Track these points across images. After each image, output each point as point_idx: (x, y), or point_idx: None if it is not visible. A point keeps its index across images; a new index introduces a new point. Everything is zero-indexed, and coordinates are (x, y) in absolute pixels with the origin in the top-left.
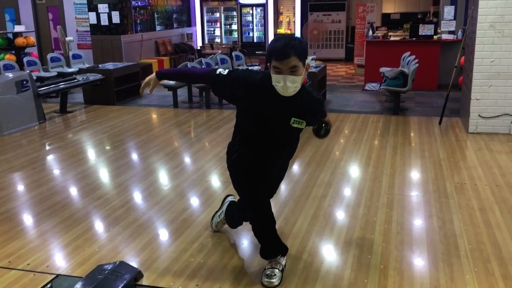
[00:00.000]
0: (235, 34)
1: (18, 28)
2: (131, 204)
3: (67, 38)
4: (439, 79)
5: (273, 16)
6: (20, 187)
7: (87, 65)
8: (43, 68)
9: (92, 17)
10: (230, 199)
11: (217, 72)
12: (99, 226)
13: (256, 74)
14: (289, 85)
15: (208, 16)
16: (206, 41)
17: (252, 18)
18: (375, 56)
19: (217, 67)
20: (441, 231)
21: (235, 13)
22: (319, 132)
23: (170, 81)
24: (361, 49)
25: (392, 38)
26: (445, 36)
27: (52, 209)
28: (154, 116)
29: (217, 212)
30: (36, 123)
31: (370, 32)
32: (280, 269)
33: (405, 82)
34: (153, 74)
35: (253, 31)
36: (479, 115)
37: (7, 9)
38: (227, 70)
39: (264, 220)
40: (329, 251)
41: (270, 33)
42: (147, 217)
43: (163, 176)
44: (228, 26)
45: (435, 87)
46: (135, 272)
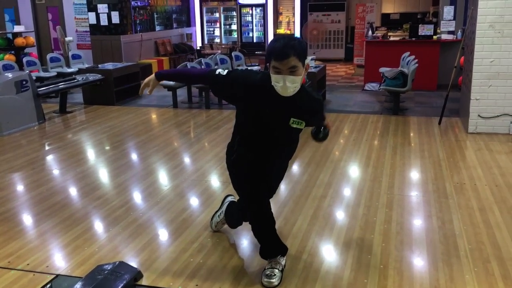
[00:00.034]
0: (235, 34)
1: (18, 28)
2: (131, 204)
3: (67, 38)
4: (439, 79)
5: (273, 16)
6: (20, 187)
7: (87, 65)
8: (43, 68)
9: (92, 17)
10: (230, 199)
11: (217, 73)
12: (99, 226)
13: (256, 74)
14: (289, 85)
15: (208, 16)
16: (206, 41)
17: (252, 18)
18: (375, 56)
19: (217, 68)
20: (441, 231)
21: (235, 13)
22: (318, 136)
23: (170, 82)
24: (361, 49)
25: (392, 38)
26: (445, 36)
27: (52, 209)
28: (154, 116)
29: (217, 212)
30: (36, 123)
31: (370, 32)
32: (280, 269)
33: (405, 82)
34: (153, 75)
35: (253, 31)
36: (479, 115)
37: (7, 9)
38: (227, 70)
39: (264, 220)
40: (329, 251)
41: (270, 33)
42: (147, 217)
43: (163, 176)
44: (228, 26)
45: (435, 87)
46: (135, 272)
